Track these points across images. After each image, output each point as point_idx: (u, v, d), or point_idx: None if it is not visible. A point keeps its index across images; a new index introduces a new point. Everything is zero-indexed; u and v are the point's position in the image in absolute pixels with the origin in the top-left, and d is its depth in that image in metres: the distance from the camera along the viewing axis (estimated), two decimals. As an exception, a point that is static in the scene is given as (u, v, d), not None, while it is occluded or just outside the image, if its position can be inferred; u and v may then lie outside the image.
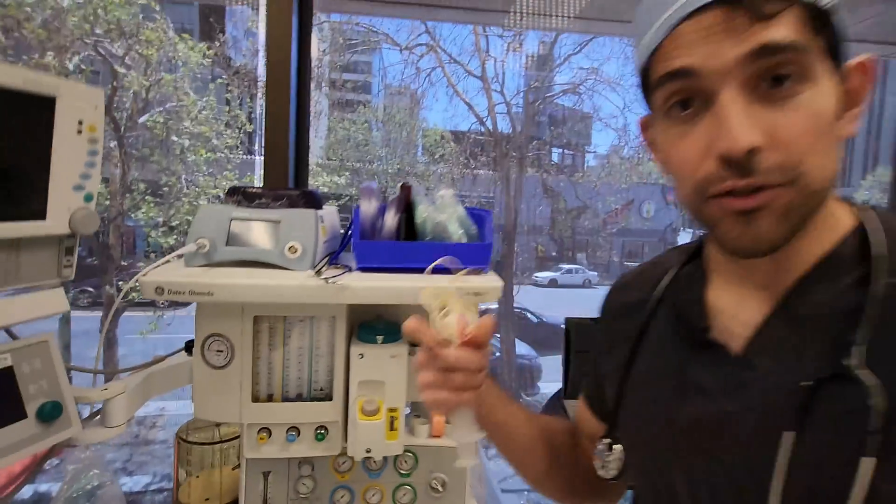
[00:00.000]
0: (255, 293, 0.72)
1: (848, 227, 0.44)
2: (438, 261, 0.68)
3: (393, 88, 10.62)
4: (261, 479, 0.83)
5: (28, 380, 0.58)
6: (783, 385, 0.41)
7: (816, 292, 0.43)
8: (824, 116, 0.39)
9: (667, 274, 0.55)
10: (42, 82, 0.54)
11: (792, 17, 0.37)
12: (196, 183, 6.23)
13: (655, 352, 0.53)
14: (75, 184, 0.60)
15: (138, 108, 6.51)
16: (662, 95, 0.43)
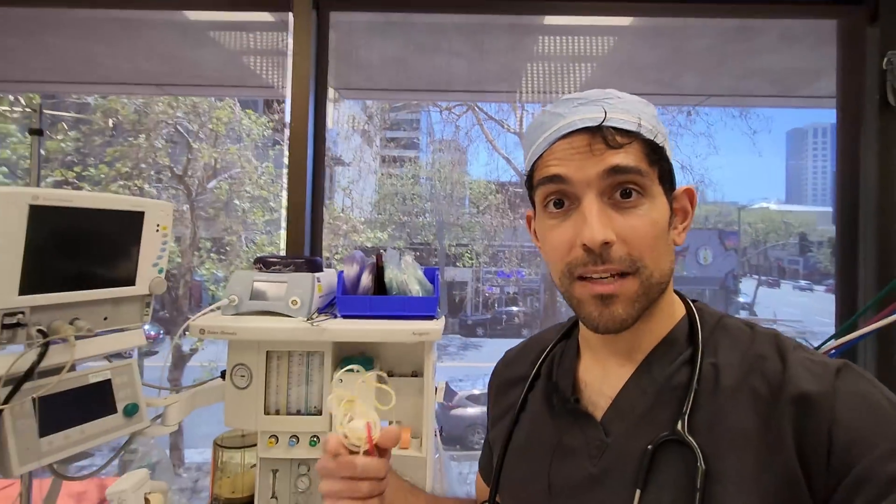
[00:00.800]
0: (266, 334, 1.05)
1: (679, 316, 0.56)
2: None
3: (438, 144, 11.27)
4: (270, 475, 1.12)
5: (118, 388, 0.92)
6: (633, 449, 0.49)
7: (656, 369, 0.53)
8: (659, 224, 0.51)
9: (545, 350, 0.64)
10: (138, 203, 0.91)
11: (635, 148, 0.50)
12: (254, 241, 6.91)
13: (533, 421, 0.60)
14: (153, 262, 0.96)
15: (207, 175, 7.44)
16: (542, 194, 0.53)
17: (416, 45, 2.07)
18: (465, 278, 11.68)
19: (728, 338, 0.52)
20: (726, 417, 0.47)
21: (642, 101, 0.53)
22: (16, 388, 0.75)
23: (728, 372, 0.49)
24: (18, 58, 2.20)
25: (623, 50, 2.05)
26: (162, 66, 2.30)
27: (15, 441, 0.77)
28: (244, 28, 1.96)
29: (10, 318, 0.76)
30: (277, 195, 7.74)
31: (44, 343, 0.78)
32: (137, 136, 6.12)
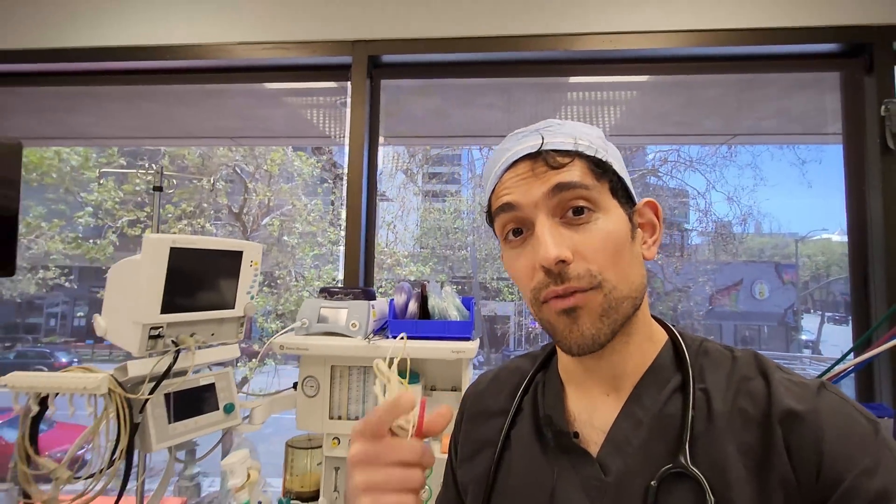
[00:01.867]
0: (331, 350, 1.30)
1: (661, 341, 0.55)
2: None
3: (479, 179, 11.61)
4: (333, 472, 1.35)
5: (220, 390, 1.19)
6: (635, 486, 0.48)
7: (647, 398, 0.52)
8: (616, 236, 0.50)
9: (523, 382, 0.61)
10: (238, 245, 1.20)
11: (578, 165, 0.51)
12: (303, 275, 7.36)
13: (521, 460, 0.56)
14: (247, 290, 1.24)
15: (261, 212, 8.04)
16: (499, 224, 0.54)
17: (454, 99, 2.37)
18: (507, 312, 11.76)
19: (712, 362, 0.52)
20: (725, 443, 0.47)
21: (585, 125, 0.55)
22: (157, 384, 1.03)
23: (718, 396, 0.49)
24: (117, 120, 2.66)
25: (644, 98, 2.27)
26: (236, 123, 2.71)
27: (154, 425, 1.04)
28: (307, 91, 2.32)
29: (154, 331, 1.04)
30: (325, 230, 8.22)
31: (176, 350, 1.06)
32: (201, 178, 6.77)
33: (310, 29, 1.79)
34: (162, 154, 7.15)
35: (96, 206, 6.23)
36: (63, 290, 9.00)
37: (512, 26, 1.74)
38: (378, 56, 1.80)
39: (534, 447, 0.55)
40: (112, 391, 0.98)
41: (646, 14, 1.70)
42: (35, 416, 0.98)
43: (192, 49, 1.83)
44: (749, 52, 1.71)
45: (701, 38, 1.68)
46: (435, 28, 1.76)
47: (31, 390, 0.97)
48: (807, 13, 1.62)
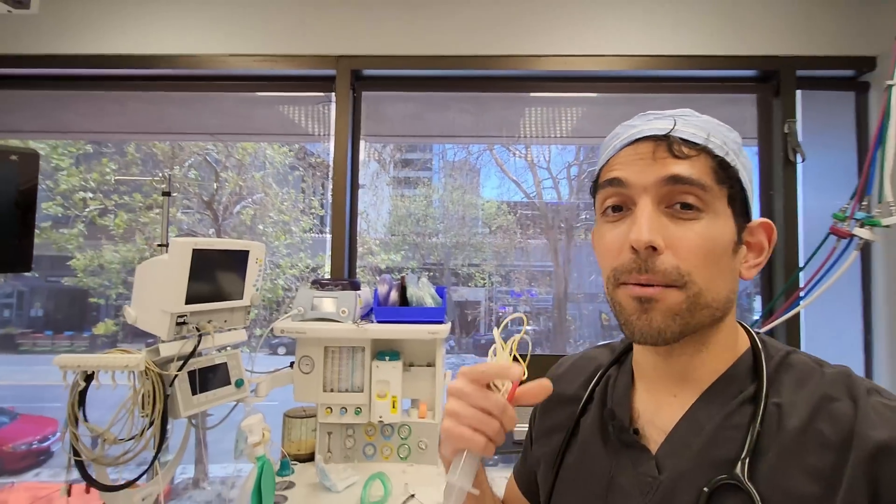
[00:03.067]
0: (326, 333, 1.54)
1: (743, 350, 0.53)
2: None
3: (450, 165, 11.77)
4: (326, 437, 1.60)
5: (231, 368, 1.41)
6: (686, 489, 0.48)
7: (715, 406, 0.50)
8: (717, 242, 0.49)
9: (598, 372, 0.63)
10: (246, 245, 1.42)
11: (701, 162, 0.49)
12: (277, 264, 7.49)
13: (585, 448, 0.58)
14: (253, 283, 1.46)
15: (233, 200, 8.07)
16: (601, 198, 0.54)
17: (429, 105, 2.59)
18: (477, 297, 12.10)
19: (794, 375, 0.50)
20: (789, 463, 0.45)
21: (725, 126, 0.53)
22: (184, 363, 1.25)
23: (793, 413, 0.47)
24: (105, 117, 2.77)
25: (597, 107, 2.55)
26: (220, 120, 2.86)
27: (181, 396, 1.26)
28: (291, 99, 2.49)
29: (180, 319, 1.26)
30: (297, 219, 8.32)
31: (199, 335, 1.28)
32: (172, 167, 6.77)
33: (298, 44, 1.98)
34: (128, 142, 7.08)
35: (65, 195, 6.18)
36: (21, 279, 8.81)
37: (481, 47, 1.98)
38: (360, 70, 2.01)
39: (597, 437, 0.57)
40: (148, 369, 1.19)
41: (596, 40, 1.97)
42: (82, 390, 1.19)
43: (187, 59, 2.00)
44: (682, 75, 2.00)
45: (642, 62, 1.96)
46: (413, 46, 1.97)
47: (79, 368, 1.18)
48: (729, 43, 1.92)
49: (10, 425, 6.86)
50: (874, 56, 1.84)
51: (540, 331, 11.76)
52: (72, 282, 6.74)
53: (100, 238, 6.91)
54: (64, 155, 6.04)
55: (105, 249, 6.73)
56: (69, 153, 6.10)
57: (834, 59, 1.86)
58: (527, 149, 9.05)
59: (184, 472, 6.49)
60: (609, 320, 14.02)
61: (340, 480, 1.43)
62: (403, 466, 1.56)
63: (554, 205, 9.29)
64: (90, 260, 6.63)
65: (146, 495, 1.27)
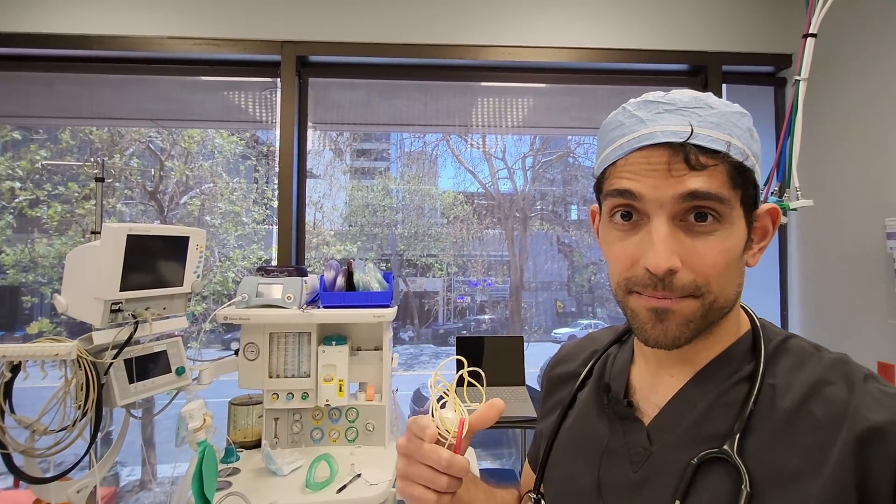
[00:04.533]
0: (269, 320, 1.54)
1: (742, 332, 0.54)
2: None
3: (407, 156, 11.73)
4: (273, 423, 1.60)
5: (171, 356, 1.40)
6: (676, 460, 0.49)
7: (710, 383, 0.52)
8: (733, 251, 0.48)
9: (598, 351, 0.65)
10: (185, 231, 1.40)
11: (720, 172, 0.46)
12: (228, 256, 7.27)
13: (581, 419, 0.61)
14: (193, 270, 1.44)
15: (179, 191, 7.75)
16: (610, 204, 0.51)
17: (378, 92, 2.59)
18: (435, 288, 12.17)
19: (791, 359, 0.51)
20: (779, 441, 0.46)
21: (738, 111, 0.49)
22: (119, 351, 1.22)
23: (786, 394, 0.48)
24: (38, 100, 2.61)
25: (546, 98, 2.63)
26: (161, 105, 2.75)
27: (117, 385, 1.24)
28: (237, 85, 2.44)
29: (115, 306, 1.23)
30: (249, 210, 8.10)
31: (135, 322, 1.26)
32: (111, 155, 6.45)
33: (241, 27, 1.94)
34: (62, 128, 6.69)
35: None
36: (-56, 276, 8.20)
37: (429, 36, 2.00)
38: (306, 56, 1.99)
39: (593, 409, 0.59)
40: (80, 357, 1.17)
41: (541, 32, 2.03)
42: (7, 382, 1.15)
43: (123, 40, 1.92)
44: (621, 68, 2.10)
45: (584, 54, 2.04)
46: (360, 33, 1.97)
47: (4, 358, 1.14)
48: (664, 38, 2.02)
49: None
50: (790, 53, 1.98)
51: (497, 319, 11.97)
52: (0, 281, 6.31)
53: (31, 231, 6.50)
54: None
55: (37, 243, 6.33)
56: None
57: (755, 56, 1.99)
58: (482, 139, 9.16)
59: (131, 475, 6.26)
60: (564, 308, 14.38)
61: (286, 464, 1.45)
62: (351, 448, 1.58)
63: (510, 195, 9.46)
64: (20, 254, 6.23)
65: (81, 487, 1.24)
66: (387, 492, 1.36)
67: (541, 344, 9.65)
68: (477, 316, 11.99)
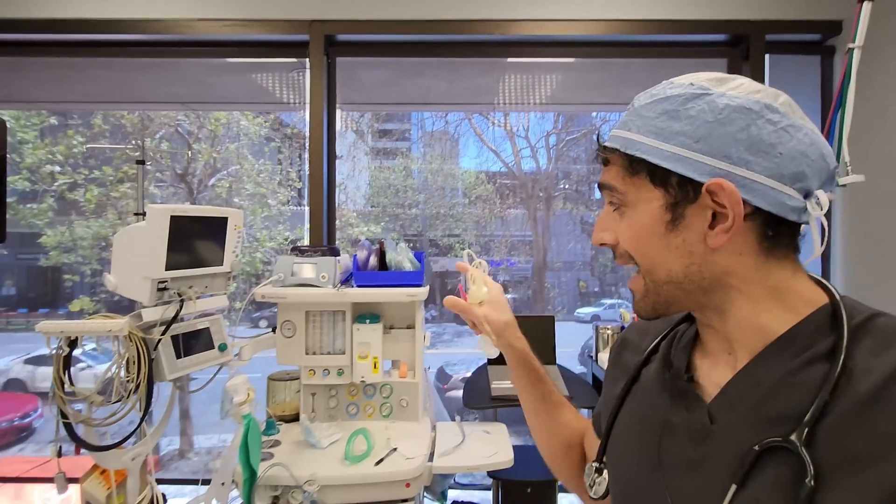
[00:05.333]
0: (306, 299, 1.57)
1: (815, 308, 0.50)
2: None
3: (429, 136, 11.65)
4: (310, 398, 1.65)
5: (214, 333, 1.44)
6: (738, 442, 0.48)
7: (776, 363, 0.49)
8: (642, 229, 0.53)
9: (668, 327, 0.66)
10: (225, 212, 1.43)
11: (616, 164, 0.55)
12: (255, 237, 7.41)
13: (645, 393, 0.62)
14: (232, 250, 1.48)
15: (207, 173, 7.89)
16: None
17: (402, 72, 2.57)
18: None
19: (874, 338, 0.46)
20: (852, 428, 0.43)
21: (655, 100, 0.52)
22: (167, 328, 1.27)
23: (865, 378, 0.44)
24: (67, 84, 2.68)
25: (575, 74, 2.57)
26: (190, 88, 2.79)
27: (165, 360, 1.29)
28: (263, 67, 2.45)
29: (161, 285, 1.27)
30: (275, 191, 8.20)
31: (180, 300, 1.30)
32: (142, 139, 6.59)
33: (269, 7, 1.94)
34: (94, 114, 6.83)
35: (31, 168, 5.98)
36: (-10, 257, 8.56)
37: (455, 11, 1.96)
38: (334, 35, 1.98)
39: (657, 384, 0.60)
40: (132, 333, 1.21)
41: (571, 4, 1.97)
42: (66, 356, 1.21)
43: (152, 24, 1.94)
44: (656, 40, 2.03)
45: (616, 26, 1.97)
46: (386, 11, 1.95)
47: (62, 334, 1.19)
48: (701, 8, 1.94)
49: (-11, 403, 6.79)
50: (840, 20, 1.89)
51: (520, 298, 11.98)
52: (45, 262, 6.58)
53: (70, 213, 6.73)
54: (27, 127, 5.81)
55: (77, 225, 6.56)
56: (32, 125, 5.86)
57: (801, 24, 1.90)
58: (505, 117, 9.00)
59: (170, 444, 6.56)
60: (587, 287, 14.26)
61: (325, 437, 1.49)
62: (386, 423, 1.62)
63: (532, 174, 9.34)
64: (62, 236, 6.46)
65: (135, 455, 1.30)
66: (422, 465, 1.39)
67: (564, 323, 9.63)
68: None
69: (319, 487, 1.32)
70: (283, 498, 1.34)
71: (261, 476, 1.30)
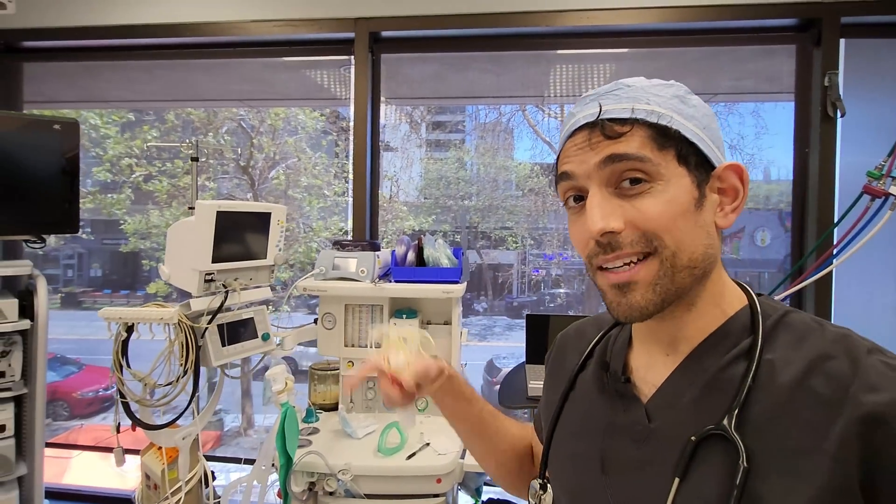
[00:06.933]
0: (345, 292, 1.61)
1: (736, 308, 0.53)
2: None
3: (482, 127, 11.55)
4: (349, 389, 1.70)
5: (258, 322, 1.51)
6: (676, 437, 0.49)
7: (707, 360, 0.51)
8: (676, 204, 0.49)
9: (599, 333, 0.66)
10: (269, 207, 1.48)
11: (637, 136, 0.49)
12: (311, 227, 7.69)
13: (583, 400, 0.62)
14: (276, 244, 1.54)
15: (268, 165, 8.25)
16: (561, 190, 0.55)
17: (450, 65, 2.56)
18: (509, 261, 12.11)
19: (790, 333, 0.50)
20: (779, 417, 0.46)
21: (659, 84, 0.53)
22: (213, 317, 1.35)
23: (786, 369, 0.47)
24: (139, 84, 2.87)
25: (628, 64, 2.46)
26: (248, 86, 2.92)
27: (211, 347, 1.36)
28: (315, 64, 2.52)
29: (208, 276, 1.35)
30: (330, 183, 8.44)
31: (225, 291, 1.37)
32: (207, 133, 6.97)
33: (315, 7, 1.99)
34: (167, 110, 7.29)
35: (112, 161, 6.50)
36: (80, 241, 9.38)
37: (499, 4, 1.93)
38: (378, 32, 2.00)
39: (594, 388, 0.61)
40: (181, 321, 1.30)
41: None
42: (124, 340, 1.31)
43: (208, 26, 2.04)
44: (715, 27, 1.90)
45: (670, 13, 1.87)
46: (430, 6, 1.95)
47: (120, 320, 1.29)
48: (766, -10, 1.80)
49: (78, 375, 7.49)
50: (929, -2, 1.69)
51: (572, 293, 11.71)
52: (125, 247, 7.15)
53: (147, 203, 7.25)
54: (109, 123, 6.31)
55: (151, 214, 7.07)
56: (113, 122, 6.36)
57: (883, 4, 1.72)
58: (560, 108, 8.78)
59: (234, 421, 6.98)
60: (644, 284, 13.51)
61: (361, 428, 1.53)
62: (421, 417, 1.64)
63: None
64: (139, 224, 7.00)
65: (185, 435, 1.40)
66: (454, 462, 1.40)
67: (618, 320, 9.27)
68: (552, 290, 11.81)
69: (353, 477, 1.36)
70: (318, 484, 1.39)
71: (297, 462, 1.35)
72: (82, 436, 5.33)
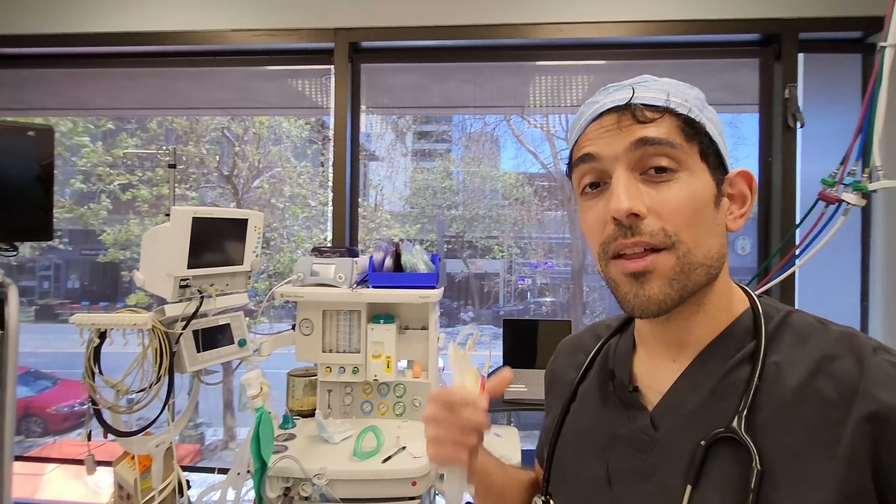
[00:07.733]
0: (323, 297, 1.62)
1: (740, 310, 0.53)
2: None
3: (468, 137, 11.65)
4: (326, 394, 1.70)
5: (234, 328, 1.52)
6: (683, 445, 0.49)
7: (712, 365, 0.51)
8: (698, 198, 0.49)
9: (599, 343, 0.64)
10: (245, 213, 1.50)
11: (667, 122, 0.50)
12: (295, 236, 7.66)
13: (584, 410, 0.61)
14: (252, 250, 1.55)
15: (252, 174, 8.22)
16: (577, 175, 0.54)
17: (431, 75, 2.60)
18: (495, 269, 12.14)
19: (794, 335, 0.50)
20: (788, 419, 0.45)
21: (684, 84, 0.53)
22: (188, 323, 1.35)
23: (792, 371, 0.47)
24: (120, 92, 2.87)
25: (604, 76, 2.52)
26: (231, 94, 2.93)
27: (186, 353, 1.37)
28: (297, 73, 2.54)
29: (183, 282, 1.35)
30: (315, 192, 8.44)
31: (200, 297, 1.38)
32: (187, 143, 6.94)
33: (295, 17, 2.02)
34: (149, 118, 7.24)
35: (87, 171, 6.43)
36: (57, 252, 9.21)
37: (479, 16, 1.98)
38: (358, 42, 2.04)
39: (597, 399, 0.59)
40: (155, 327, 1.30)
41: (594, 6, 1.95)
42: (97, 347, 1.31)
43: (188, 35, 2.06)
44: (684, 41, 1.97)
45: (641, 28, 1.94)
46: (409, 17, 1.99)
47: (93, 326, 1.29)
48: (731, 7, 1.88)
49: (52, 389, 7.30)
50: (882, 16, 1.77)
51: (558, 302, 11.78)
52: (103, 258, 7.04)
53: (128, 213, 7.17)
54: (83, 132, 6.25)
55: (132, 223, 6.98)
56: (89, 130, 6.30)
57: (839, 21, 1.80)
58: (545, 119, 8.92)
59: (215, 435, 6.86)
60: (629, 293, 13.67)
61: (337, 433, 1.54)
62: (398, 422, 1.66)
63: (571, 176, 9.16)
64: (119, 234, 6.90)
65: (159, 442, 1.39)
66: (429, 465, 1.41)
67: (603, 329, 9.36)
68: (537, 298, 11.88)
69: (328, 481, 1.37)
70: (293, 489, 1.40)
71: (272, 468, 1.36)
72: (55, 451, 5.20)
